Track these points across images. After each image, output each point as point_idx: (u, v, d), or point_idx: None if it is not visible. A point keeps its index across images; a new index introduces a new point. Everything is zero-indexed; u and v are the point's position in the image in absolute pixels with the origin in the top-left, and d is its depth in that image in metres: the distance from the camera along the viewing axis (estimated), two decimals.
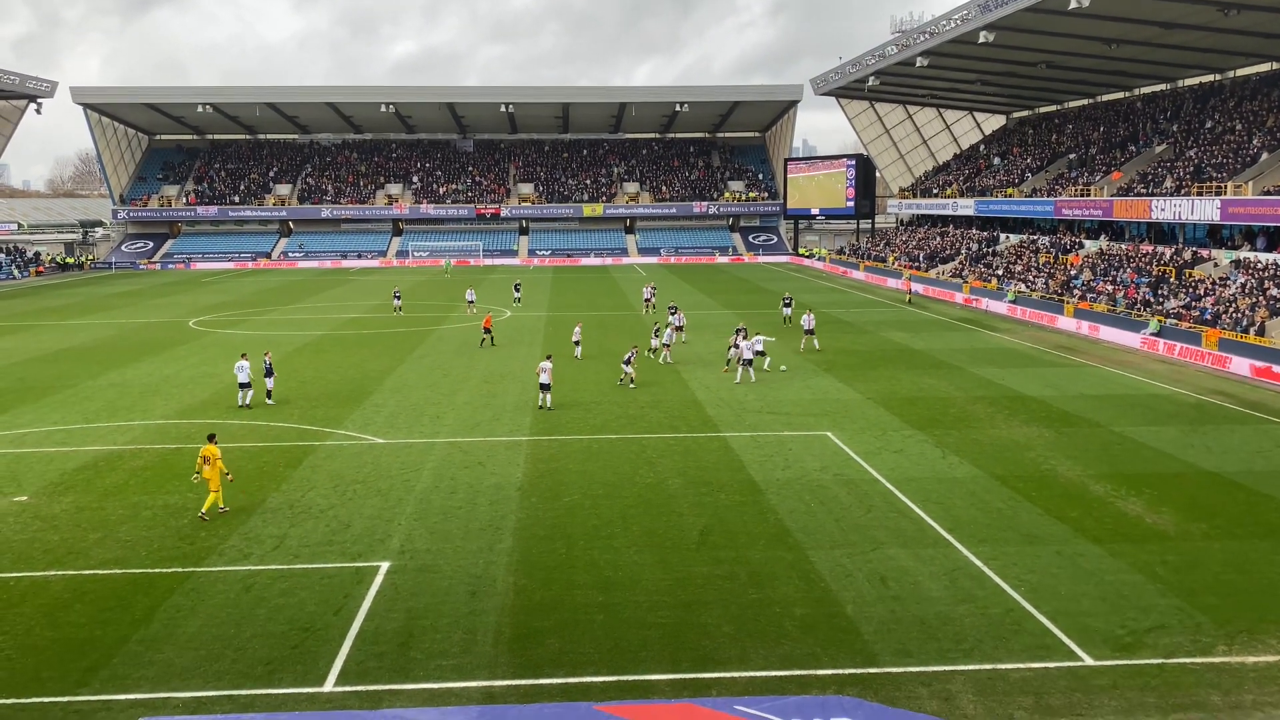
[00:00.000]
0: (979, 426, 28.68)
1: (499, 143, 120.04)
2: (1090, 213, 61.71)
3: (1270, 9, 46.71)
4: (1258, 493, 22.15)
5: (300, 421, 29.56)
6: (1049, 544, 18.72)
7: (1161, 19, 51.08)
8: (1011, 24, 55.75)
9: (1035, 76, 72.90)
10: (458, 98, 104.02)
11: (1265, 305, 41.33)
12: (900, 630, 14.93)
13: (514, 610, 15.74)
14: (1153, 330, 44.15)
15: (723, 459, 25.02)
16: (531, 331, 49.70)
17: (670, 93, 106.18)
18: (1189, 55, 60.37)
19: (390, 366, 39.33)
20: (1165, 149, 61.85)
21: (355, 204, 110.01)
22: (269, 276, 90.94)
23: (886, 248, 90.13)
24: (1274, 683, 13.33)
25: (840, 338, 47.19)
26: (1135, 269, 53.61)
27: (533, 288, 74.86)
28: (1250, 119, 56.79)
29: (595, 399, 32.58)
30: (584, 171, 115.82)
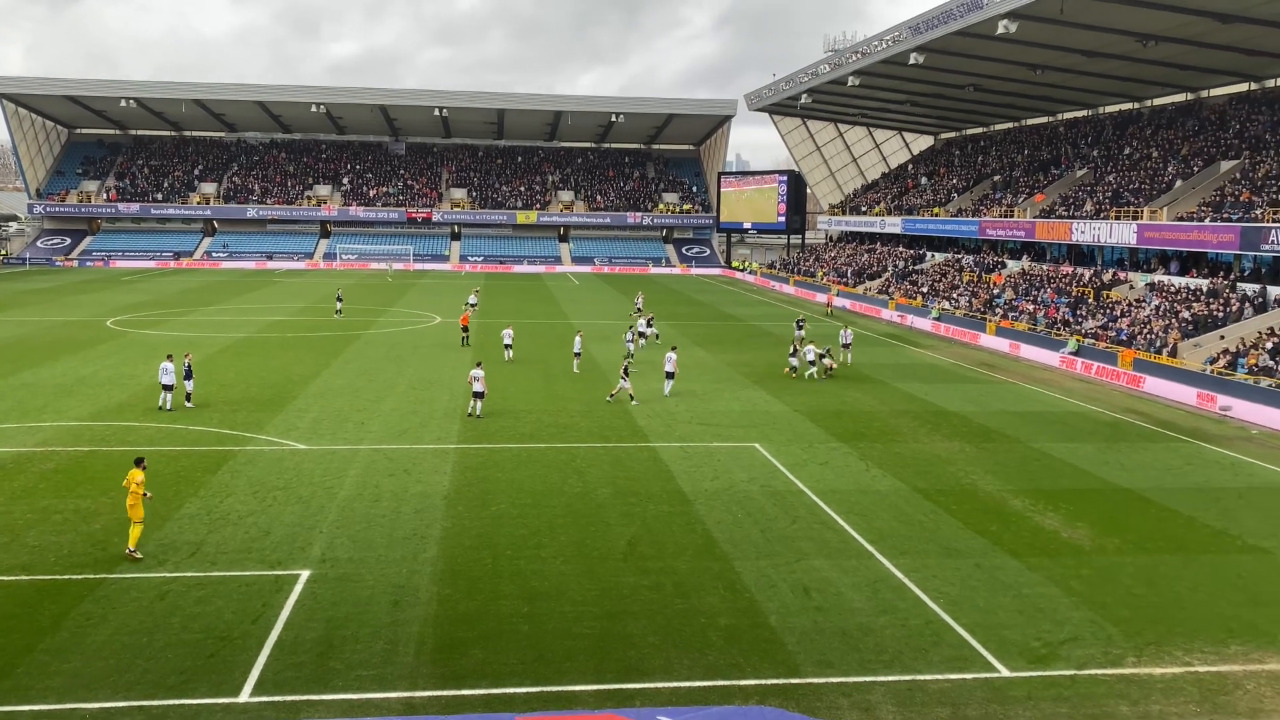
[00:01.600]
0: (902, 440, 29.16)
1: (432, 146, 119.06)
2: (1013, 233, 63.27)
3: (1185, 41, 48.47)
4: (1168, 509, 22.86)
5: (220, 426, 28.90)
6: (968, 557, 19.08)
7: (1084, 47, 52.68)
8: (941, 46, 57.01)
9: (963, 99, 74.62)
10: (391, 100, 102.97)
11: (1177, 327, 42.76)
12: (822, 641, 15.09)
13: (437, 620, 15.55)
14: (1071, 349, 45.39)
15: (652, 469, 25.06)
16: (461, 338, 49.25)
17: (606, 103, 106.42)
18: (1110, 83, 62.34)
19: (315, 371, 38.68)
20: (1086, 173, 63.73)
21: (282, 204, 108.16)
22: (191, 276, 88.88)
23: (816, 263, 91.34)
24: (1180, 693, 13.75)
25: (770, 351, 47.64)
26: (1055, 289, 55.08)
27: (464, 294, 74.26)
28: (1166, 147, 58.81)
29: (526, 407, 32.42)
30: (518, 178, 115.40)
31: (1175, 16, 44.26)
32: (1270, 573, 18.75)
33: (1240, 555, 19.76)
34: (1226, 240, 44.29)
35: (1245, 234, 42.80)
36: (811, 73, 77.74)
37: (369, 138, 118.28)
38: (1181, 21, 45.03)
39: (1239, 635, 15.70)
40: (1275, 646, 15.33)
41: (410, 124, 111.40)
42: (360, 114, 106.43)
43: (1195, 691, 13.80)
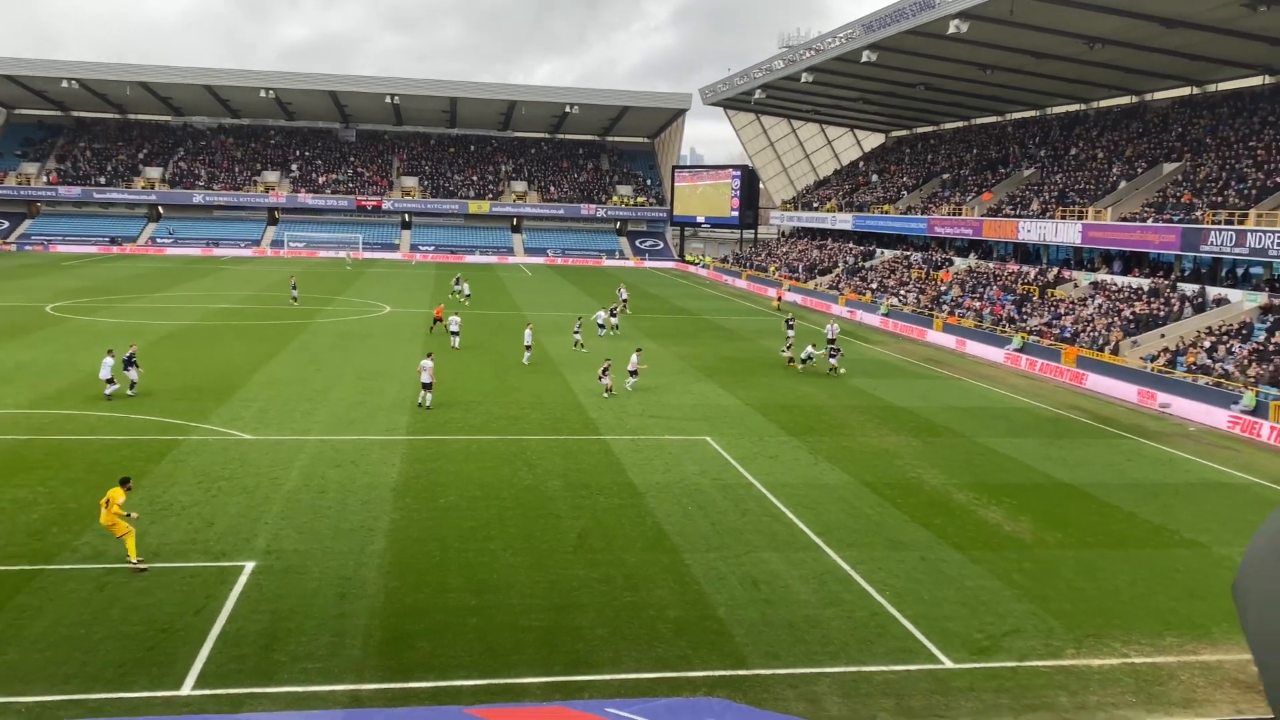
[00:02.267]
0: (851, 435, 29.45)
1: (383, 134, 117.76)
2: (961, 231, 64.11)
3: (1130, 45, 49.39)
4: (1108, 504, 23.34)
5: (163, 415, 28.38)
6: (913, 549, 19.33)
7: (1033, 48, 53.47)
8: (893, 45, 57.54)
9: (914, 97, 75.40)
10: (341, 86, 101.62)
11: (1120, 326, 43.63)
12: (770, 633, 15.20)
13: (384, 613, 15.42)
14: (1016, 346, 46.13)
15: (603, 462, 25.05)
16: (411, 328, 48.87)
17: (560, 93, 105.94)
18: (1057, 85, 63.34)
19: (261, 360, 38.13)
20: (1033, 173, 64.73)
21: (230, 190, 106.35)
22: (135, 262, 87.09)
23: (768, 258, 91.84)
24: (1117, 684, 14.06)
25: (722, 345, 47.85)
26: (1002, 287, 55.92)
27: (414, 284, 73.66)
28: (1110, 148, 59.92)
29: (476, 398, 32.24)
30: (471, 167, 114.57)
31: (1121, 20, 45.08)
32: (1205, 567, 19.22)
33: (1177, 550, 20.24)
34: (1168, 241, 45.26)
35: (1186, 235, 43.77)
36: (766, 68, 78.07)
37: (319, 124, 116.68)
38: (1127, 25, 45.88)
39: (1174, 627, 16.09)
40: (1209, 638, 15.72)
41: (361, 111, 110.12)
42: (310, 100, 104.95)
43: (1132, 682, 14.12)
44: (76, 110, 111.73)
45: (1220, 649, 15.33)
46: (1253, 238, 39.69)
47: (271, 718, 11.96)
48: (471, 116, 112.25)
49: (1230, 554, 19.93)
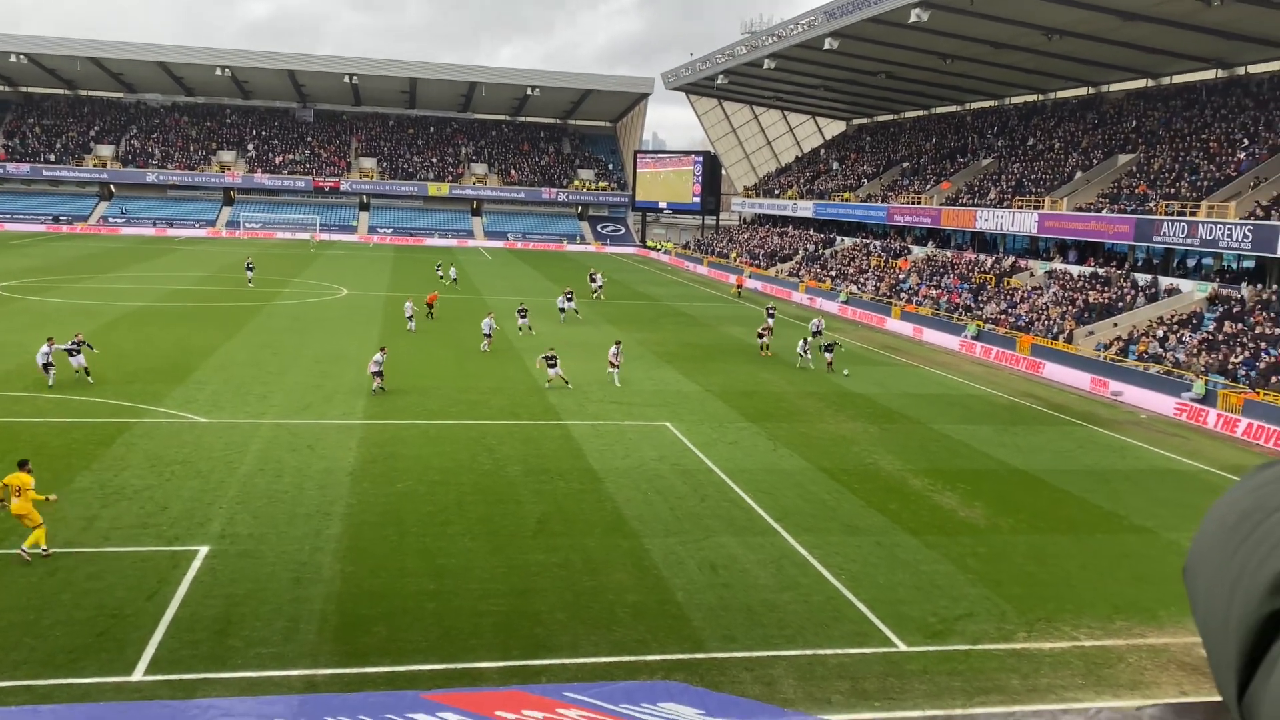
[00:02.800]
0: (809, 421, 29.65)
1: (341, 114, 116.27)
2: (920, 220, 64.64)
3: (1088, 36, 49.96)
4: (1060, 490, 23.72)
5: (115, 397, 27.92)
6: (869, 534, 19.53)
7: (993, 38, 53.91)
8: (855, 33, 57.75)
9: (875, 86, 75.78)
10: (299, 65, 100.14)
11: (1074, 315, 44.26)
12: (727, 616, 15.30)
13: (340, 597, 15.32)
14: (971, 334, 46.66)
15: (563, 447, 25.02)
16: (369, 311, 48.42)
17: (521, 75, 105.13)
18: (1016, 75, 63.96)
19: (216, 342, 37.61)
20: (991, 163, 65.38)
21: (184, 170, 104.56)
22: (86, 242, 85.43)
23: (730, 244, 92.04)
24: (1067, 667, 14.31)
25: (683, 331, 47.93)
26: (959, 275, 56.49)
27: (373, 266, 72.98)
28: (1067, 139, 60.65)
29: (435, 383, 32.05)
30: (430, 149, 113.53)
31: (1080, 12, 45.57)
32: (1154, 552, 19.61)
33: (1127, 535, 20.62)
34: (1122, 231, 45.95)
35: (1139, 225, 44.45)
36: (728, 54, 78.05)
37: (276, 103, 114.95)
38: (1085, 17, 46.39)
39: (1123, 611, 16.40)
40: (1156, 621, 16.05)
41: (319, 90, 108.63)
42: (267, 78, 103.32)
43: (1081, 665, 14.38)
44: (25, 86, 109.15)
45: (1167, 632, 15.65)
46: (1204, 229, 40.40)
47: (225, 703, 11.84)
48: (431, 97, 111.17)
49: (1178, 539, 20.34)
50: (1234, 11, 41.42)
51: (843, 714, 12.60)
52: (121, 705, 11.92)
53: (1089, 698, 13.42)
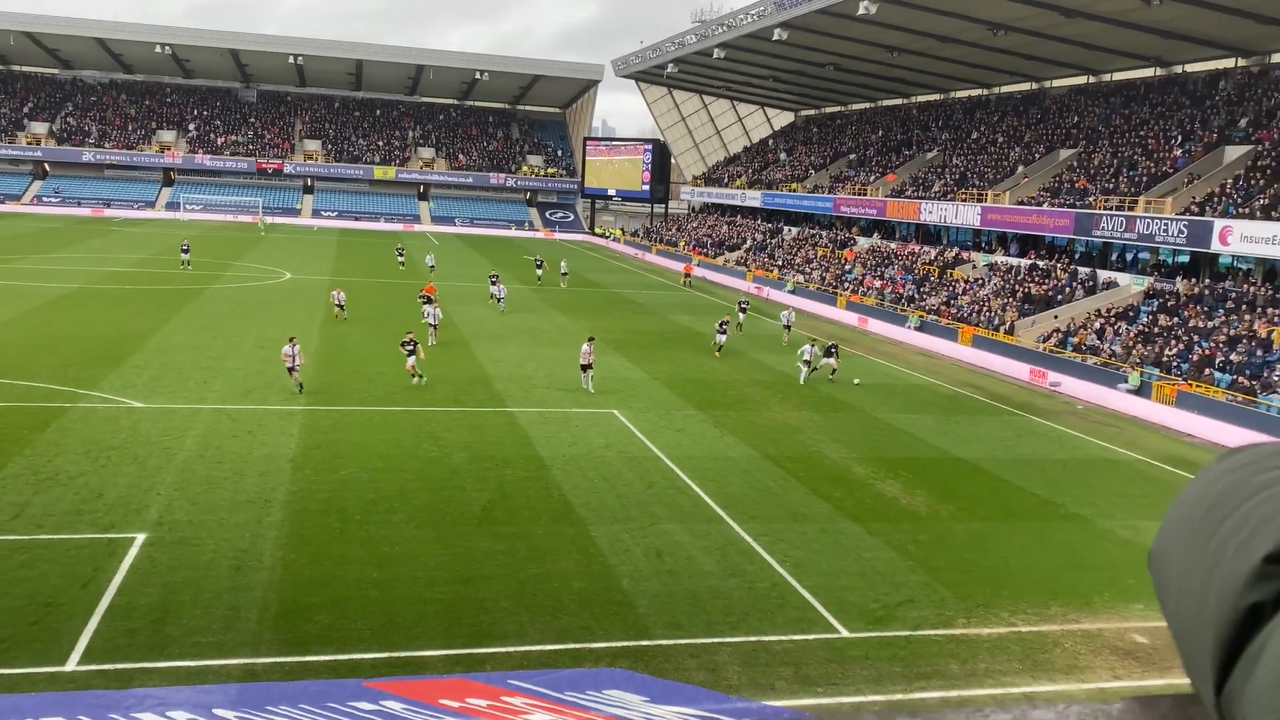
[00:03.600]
0: (755, 409, 29.84)
1: (286, 95, 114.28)
2: (866, 211, 65.26)
3: (1031, 32, 50.71)
4: (999, 478, 24.15)
5: (50, 381, 27.23)
6: (814, 522, 19.72)
7: (939, 32, 54.48)
8: (804, 24, 58.01)
9: (823, 77, 76.22)
10: (242, 44, 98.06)
11: (1014, 307, 45.02)
12: (673, 603, 15.36)
13: (281, 585, 15.12)
14: (914, 324, 47.26)
15: (509, 434, 24.92)
16: (313, 295, 47.72)
17: (470, 59, 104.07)
18: (961, 69, 64.71)
19: (155, 326, 36.84)
20: (936, 155, 66.16)
21: (122, 149, 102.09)
22: (19, 221, 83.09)
23: (679, 233, 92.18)
24: (1004, 652, 14.59)
25: (631, 319, 47.93)
26: (903, 266, 57.16)
27: (317, 250, 71.96)
28: (1010, 134, 61.55)
29: (379, 370, 31.71)
30: (376, 132, 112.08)
31: (1024, 8, 46.22)
32: (1089, 538, 20.05)
33: (1063, 522, 21.06)
34: (1062, 225, 46.78)
35: (1079, 220, 45.29)
36: (678, 43, 77.99)
37: (218, 83, 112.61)
38: (1029, 13, 47.06)
39: (1059, 597, 16.75)
40: (1091, 607, 16.42)
41: (263, 71, 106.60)
42: (209, 57, 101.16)
43: (1018, 650, 14.67)
44: None
45: (1101, 618, 16.02)
46: (1141, 224, 41.28)
47: (162, 693, 11.64)
48: (378, 80, 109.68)
49: (1113, 527, 20.82)
50: (1172, 11, 42.30)
51: (786, 700, 12.72)
52: (55, 696, 11.68)
53: (1025, 683, 13.70)
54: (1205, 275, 41.78)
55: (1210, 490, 0.85)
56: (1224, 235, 37.05)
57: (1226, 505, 0.82)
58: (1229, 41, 47.50)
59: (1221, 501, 0.83)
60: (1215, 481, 0.86)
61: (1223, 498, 0.83)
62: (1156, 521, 14.42)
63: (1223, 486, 0.85)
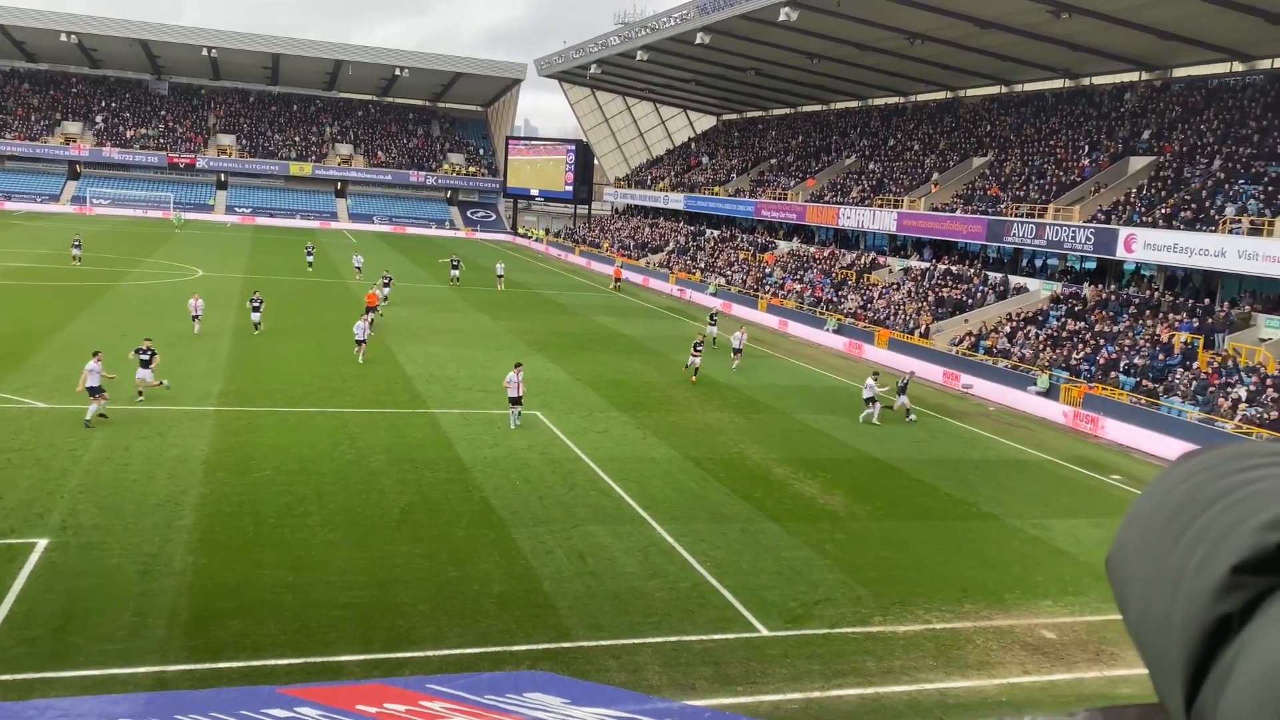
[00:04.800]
0: (677, 410, 29.99)
1: (199, 88, 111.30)
2: (786, 215, 66.07)
3: (947, 42, 51.88)
4: (913, 478, 24.64)
5: None
6: (734, 522, 19.89)
7: (858, 40, 55.42)
8: (726, 29, 58.49)
9: (745, 82, 76.97)
10: (152, 35, 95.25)
11: (928, 311, 46.01)
12: (594, 605, 15.35)
13: (192, 591, 14.72)
14: (832, 327, 48.00)
15: (430, 436, 24.63)
16: (225, 293, 46.54)
17: (390, 55, 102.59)
18: (879, 77, 65.92)
19: (59, 323, 35.57)
20: (854, 161, 67.28)
21: (24, 140, 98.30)
22: None
23: (602, 234, 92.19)
24: (919, 649, 14.89)
25: (553, 319, 47.77)
26: (822, 270, 58.00)
27: (230, 247, 70.23)
28: (925, 141, 62.91)
29: (294, 369, 31.09)
30: (293, 127, 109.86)
31: (940, 18, 47.26)
32: (999, 537, 20.58)
33: (975, 521, 21.58)
34: (975, 231, 47.96)
35: (991, 226, 46.49)
36: (602, 44, 78.00)
37: (127, 74, 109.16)
38: (945, 23, 48.13)
39: (971, 594, 17.16)
40: (1002, 604, 16.85)
41: (175, 62, 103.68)
42: (117, 47, 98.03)
43: (933, 647, 14.98)
44: None
45: (1012, 614, 16.46)
46: (1050, 231, 42.53)
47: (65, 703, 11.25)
48: (295, 74, 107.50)
49: (1022, 526, 21.39)
50: (1080, 24, 43.66)
51: (707, 699, 12.80)
52: None
53: (940, 679, 14.00)
54: (1111, 281, 43.22)
55: (1169, 497, 0.84)
56: (1128, 243, 38.38)
57: (1187, 513, 0.81)
58: (1133, 56, 49.23)
59: (1181, 509, 0.81)
60: (1173, 488, 0.85)
61: (1183, 505, 0.82)
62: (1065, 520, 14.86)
63: (1181, 493, 0.83)
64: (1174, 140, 44.40)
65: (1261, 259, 32.87)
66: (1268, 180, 36.97)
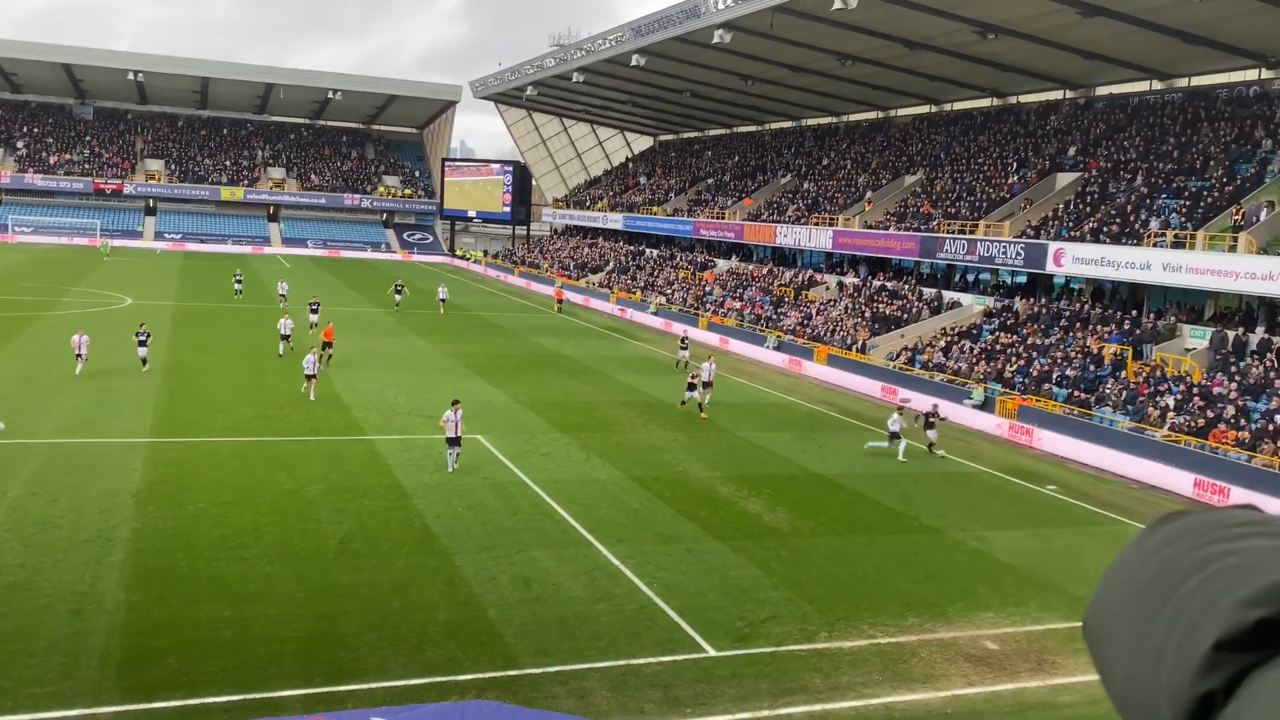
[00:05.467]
0: (621, 430, 29.93)
1: (125, 113, 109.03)
2: (724, 234, 66.58)
3: (878, 63, 52.84)
4: (856, 493, 24.86)
5: None
6: (680, 542, 19.86)
7: (791, 62, 56.19)
8: (661, 51, 58.92)
9: (681, 103, 77.57)
10: (76, 59, 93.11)
11: (865, 326, 46.61)
12: (541, 631, 15.19)
13: (125, 629, 14.28)
14: (772, 344, 48.39)
15: (368, 463, 24.26)
16: (155, 322, 45.49)
17: (322, 78, 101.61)
18: (812, 98, 66.88)
19: None
20: (789, 180, 68.08)
21: None
22: None
23: (541, 255, 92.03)
24: (865, 664, 14.97)
25: (494, 342, 47.49)
26: (760, 288, 58.50)
27: (159, 274, 68.79)
28: (858, 160, 63.90)
29: (228, 398, 30.47)
30: (224, 152, 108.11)
31: (871, 39, 48.11)
32: (941, 550, 20.82)
33: (917, 535, 21.81)
34: (909, 248, 48.75)
35: (924, 243, 47.29)
36: (537, 65, 78.06)
37: (50, 99, 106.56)
38: (875, 44, 49.01)
39: (915, 608, 17.31)
40: (945, 617, 17.03)
41: (100, 87, 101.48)
42: (39, 72, 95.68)
43: (878, 662, 15.07)
44: None
45: (955, 626, 16.63)
46: (982, 247, 43.38)
47: None
48: (225, 98, 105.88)
49: (964, 538, 21.66)
50: (1006, 45, 44.76)
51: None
52: None
53: (886, 693, 14.08)
54: (1041, 295, 44.17)
55: (1146, 566, 0.84)
56: (1057, 257, 39.28)
57: (1164, 585, 0.81)
58: (1058, 75, 50.57)
59: (1158, 580, 0.81)
60: (1149, 557, 0.85)
61: (1159, 577, 0.82)
62: (1004, 532, 15.05)
63: (1159, 562, 0.83)
64: (1099, 156, 45.63)
65: (1185, 271, 33.86)
66: (1188, 194, 38.15)
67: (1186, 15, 36.84)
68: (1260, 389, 30.18)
